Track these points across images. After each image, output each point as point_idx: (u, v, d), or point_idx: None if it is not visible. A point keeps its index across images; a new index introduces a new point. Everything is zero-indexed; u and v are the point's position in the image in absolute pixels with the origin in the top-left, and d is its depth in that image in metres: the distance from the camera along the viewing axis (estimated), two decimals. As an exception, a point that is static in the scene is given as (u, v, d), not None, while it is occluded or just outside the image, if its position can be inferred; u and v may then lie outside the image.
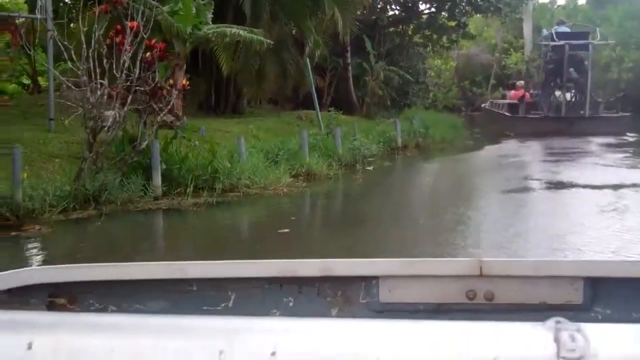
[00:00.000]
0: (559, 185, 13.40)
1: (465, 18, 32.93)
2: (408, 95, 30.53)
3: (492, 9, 31.30)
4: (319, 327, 0.62)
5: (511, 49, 50.71)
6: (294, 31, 22.77)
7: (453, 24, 32.71)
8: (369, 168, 16.76)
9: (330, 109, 20.72)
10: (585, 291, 1.48)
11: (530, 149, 22.21)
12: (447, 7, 31.43)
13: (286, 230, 9.37)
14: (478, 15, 35.58)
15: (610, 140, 23.35)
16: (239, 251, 8.06)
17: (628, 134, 25.37)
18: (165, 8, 15.27)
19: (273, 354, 0.55)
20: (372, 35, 28.07)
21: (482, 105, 40.46)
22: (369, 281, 1.35)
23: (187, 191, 11.64)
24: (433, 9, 32.40)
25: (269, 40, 16.15)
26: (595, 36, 28.94)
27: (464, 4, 31.07)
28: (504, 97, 34.99)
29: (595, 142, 22.82)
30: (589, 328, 0.55)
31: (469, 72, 50.77)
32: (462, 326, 0.60)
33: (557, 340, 0.53)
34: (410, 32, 33.03)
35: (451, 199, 12.39)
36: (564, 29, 28.92)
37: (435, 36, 33.46)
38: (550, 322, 0.56)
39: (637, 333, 0.56)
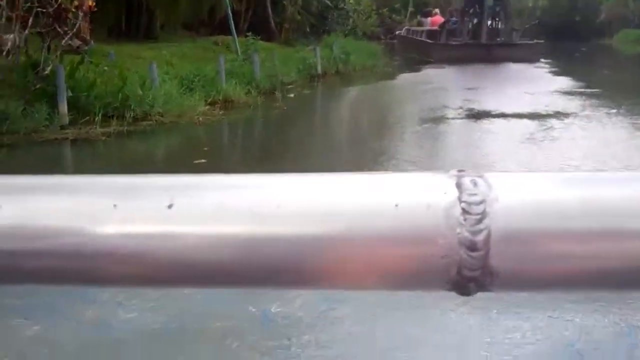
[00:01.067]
0: (481, 115, 13.35)
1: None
2: (327, 21, 29.92)
3: None
4: (221, 182, 0.58)
5: (430, -24, 50.44)
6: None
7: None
8: (290, 95, 16.36)
9: (247, 34, 19.98)
10: None
11: (452, 75, 22.24)
12: None
13: (203, 160, 8.95)
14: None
15: (527, 65, 23.78)
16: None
17: (542, 60, 26.31)
18: None
19: (170, 206, 0.54)
20: (290, -42, 27.19)
21: (397, 32, 40.39)
22: None
23: (96, 120, 11.00)
24: None
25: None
26: None
27: None
28: (420, 24, 35.00)
29: (513, 68, 23.12)
30: (492, 176, 0.55)
31: (387, -1, 50.32)
32: (363, 177, 0.58)
33: (459, 185, 0.53)
34: (329, -44, 32.22)
35: (372, 129, 12.18)
36: None
37: (354, -40, 32.83)
38: (453, 171, 0.55)
39: (537, 180, 0.56)
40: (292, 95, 16.45)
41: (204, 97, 13.27)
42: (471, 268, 0.51)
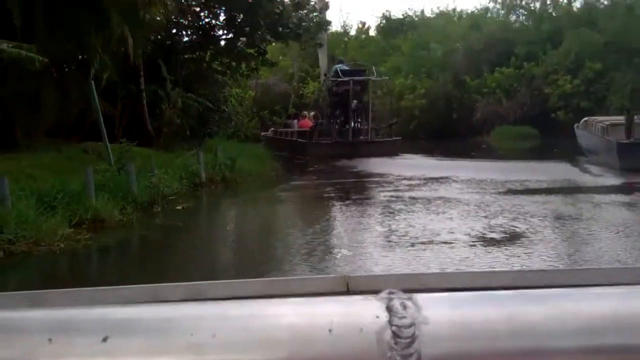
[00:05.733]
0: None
1: (264, 45, 31.67)
2: (208, 124, 28.49)
3: (292, 35, 30.42)
4: (155, 312, 0.59)
5: (308, 78, 50.65)
6: (78, 53, 19.93)
7: (252, 51, 31.35)
8: (177, 208, 14.47)
9: (122, 140, 18.03)
10: None
11: (331, 179, 21.43)
12: (245, 33, 29.94)
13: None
14: (276, 43, 34.67)
15: (390, 159, 27.30)
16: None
17: (400, 154, 30.10)
18: None
19: (105, 339, 0.54)
20: (167, 61, 25.83)
21: (263, 134, 41.20)
22: None
23: None
24: (231, 35, 30.81)
25: (42, 58, 13.30)
26: (371, 72, 33.67)
27: (262, 30, 29.68)
28: (287, 126, 37.35)
29: (382, 163, 25.77)
30: (421, 297, 0.57)
31: (267, 101, 50.00)
32: (296, 302, 0.59)
33: (389, 309, 0.55)
34: (208, 59, 31.12)
35: (261, 252, 10.38)
36: (343, 67, 33.58)
37: (234, 63, 31.89)
38: (383, 294, 0.57)
39: (465, 300, 0.58)
40: (179, 207, 14.54)
41: (69, 217, 11.14)
42: None
